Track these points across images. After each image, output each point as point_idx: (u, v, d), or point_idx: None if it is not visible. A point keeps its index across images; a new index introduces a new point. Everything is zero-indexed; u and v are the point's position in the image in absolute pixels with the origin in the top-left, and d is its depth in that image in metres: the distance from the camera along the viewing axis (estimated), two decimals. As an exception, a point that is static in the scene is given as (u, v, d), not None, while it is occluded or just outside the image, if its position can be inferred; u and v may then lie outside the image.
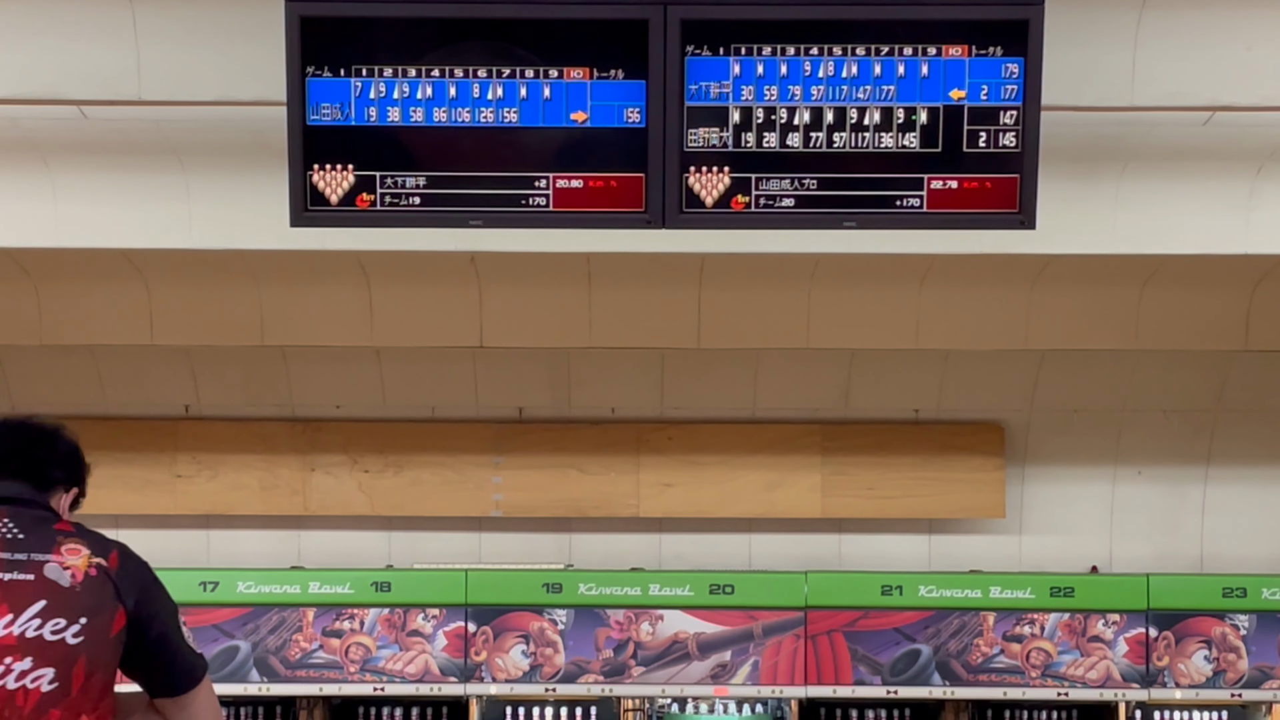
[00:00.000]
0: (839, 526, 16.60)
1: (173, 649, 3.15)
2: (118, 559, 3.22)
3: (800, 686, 15.77)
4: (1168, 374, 16.14)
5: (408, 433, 16.29)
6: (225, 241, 12.67)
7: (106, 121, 11.30)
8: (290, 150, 8.72)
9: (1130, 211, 12.49)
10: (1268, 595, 15.84)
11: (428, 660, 15.75)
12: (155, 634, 3.15)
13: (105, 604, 3.08)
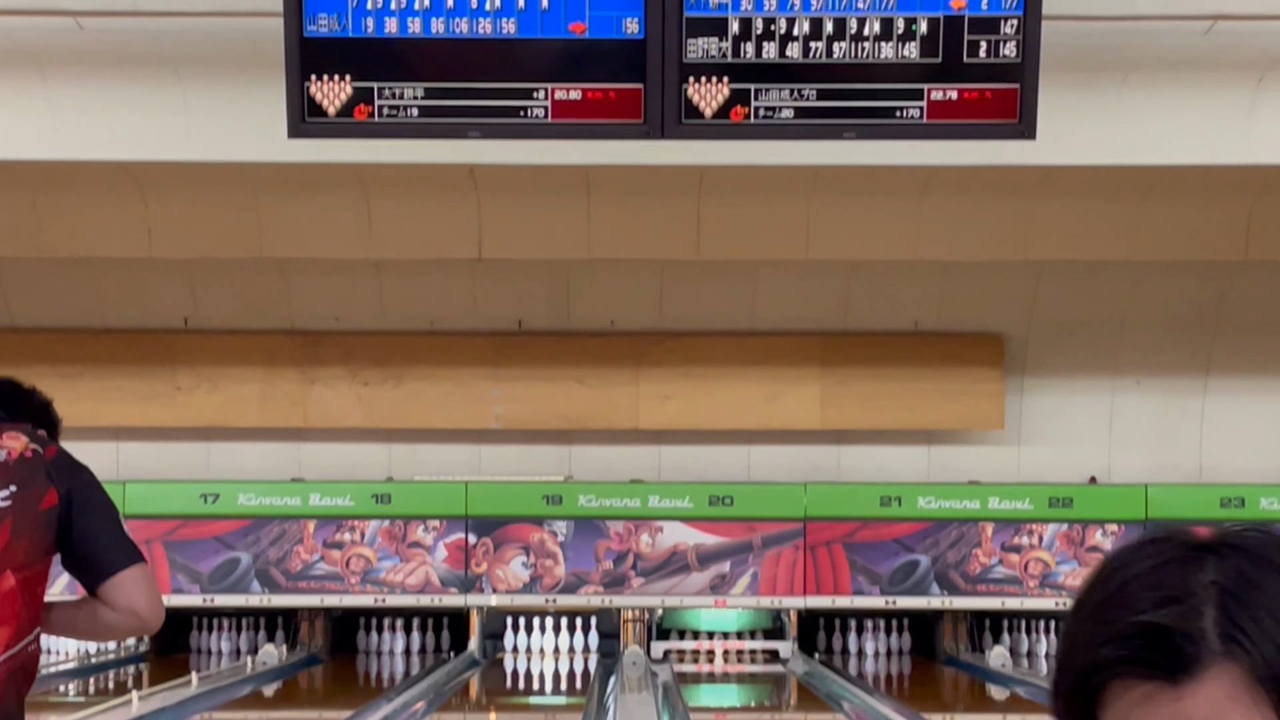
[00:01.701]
0: (838, 438, 16.65)
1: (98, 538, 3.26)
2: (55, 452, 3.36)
3: (799, 597, 15.85)
4: (1167, 285, 16.13)
5: (407, 345, 16.30)
6: (223, 154, 12.64)
7: (103, 33, 11.26)
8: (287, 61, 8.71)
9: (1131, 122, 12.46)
10: (1266, 505, 15.89)
11: (428, 572, 15.82)
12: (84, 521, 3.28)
13: (36, 481, 3.24)
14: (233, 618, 16.67)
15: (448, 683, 14.20)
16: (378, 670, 15.75)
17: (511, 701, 14.24)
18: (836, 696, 13.13)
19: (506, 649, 16.46)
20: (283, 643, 16.23)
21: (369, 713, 11.35)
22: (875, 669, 15.87)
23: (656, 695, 12.28)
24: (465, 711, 13.50)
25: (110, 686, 14.12)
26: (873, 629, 16.71)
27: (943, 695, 14.57)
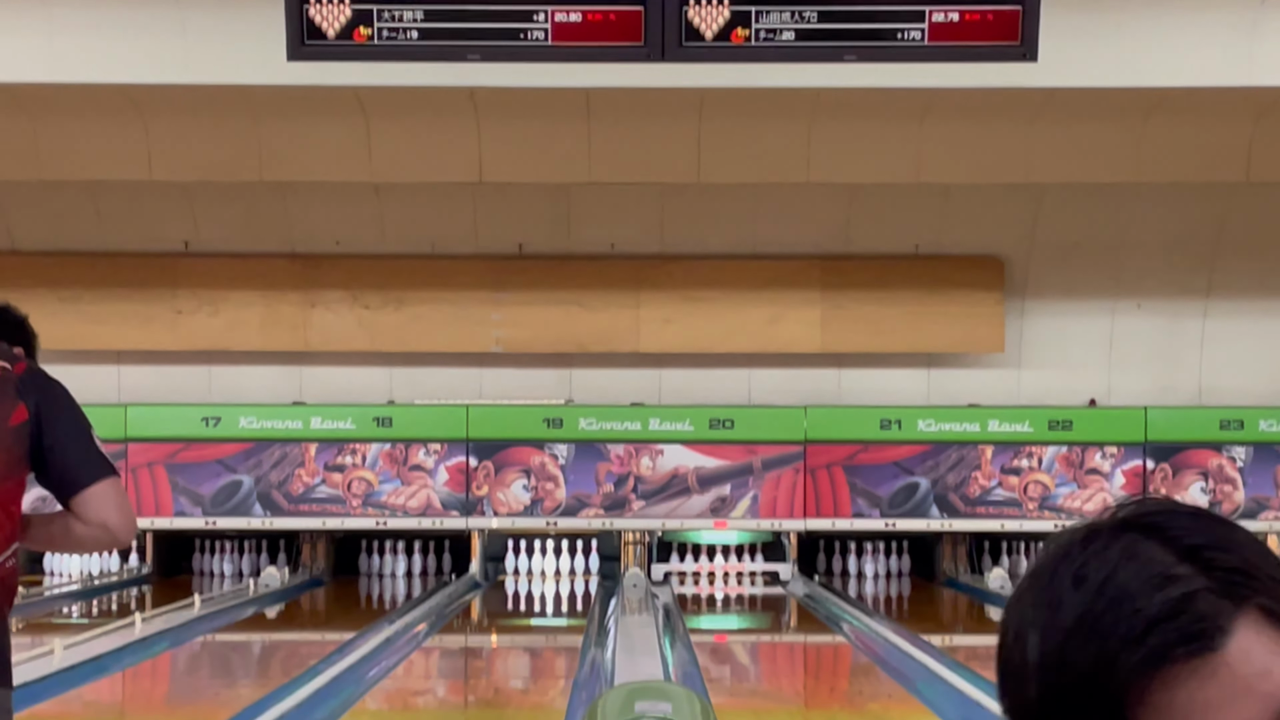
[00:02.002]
0: (838, 361, 16.66)
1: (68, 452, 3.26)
2: (24, 368, 3.33)
3: (799, 519, 15.91)
4: (1168, 207, 16.11)
5: (408, 269, 16.30)
6: (222, 77, 12.62)
7: (100, -45, 11.20)
8: (286, -17, 8.65)
9: (1132, 43, 12.42)
10: (1265, 427, 15.93)
11: (429, 495, 15.88)
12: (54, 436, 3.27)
13: (5, 398, 3.23)
14: (235, 540, 16.74)
15: (449, 605, 14.28)
16: (379, 592, 15.83)
17: (513, 623, 14.32)
18: (836, 618, 13.21)
19: (508, 571, 16.54)
20: (285, 565, 16.30)
21: (371, 634, 11.42)
22: (875, 591, 15.95)
23: (657, 617, 12.35)
24: (467, 633, 13.58)
25: (113, 608, 14.20)
26: (872, 551, 16.78)
27: (942, 617, 14.64)
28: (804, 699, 10.12)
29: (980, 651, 12.12)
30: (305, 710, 8.32)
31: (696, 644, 11.46)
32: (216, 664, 11.42)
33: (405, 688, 10.17)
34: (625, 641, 10.40)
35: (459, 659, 12.02)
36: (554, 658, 11.85)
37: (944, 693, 9.08)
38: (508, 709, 9.38)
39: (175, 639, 11.64)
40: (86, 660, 9.76)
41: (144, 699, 10.02)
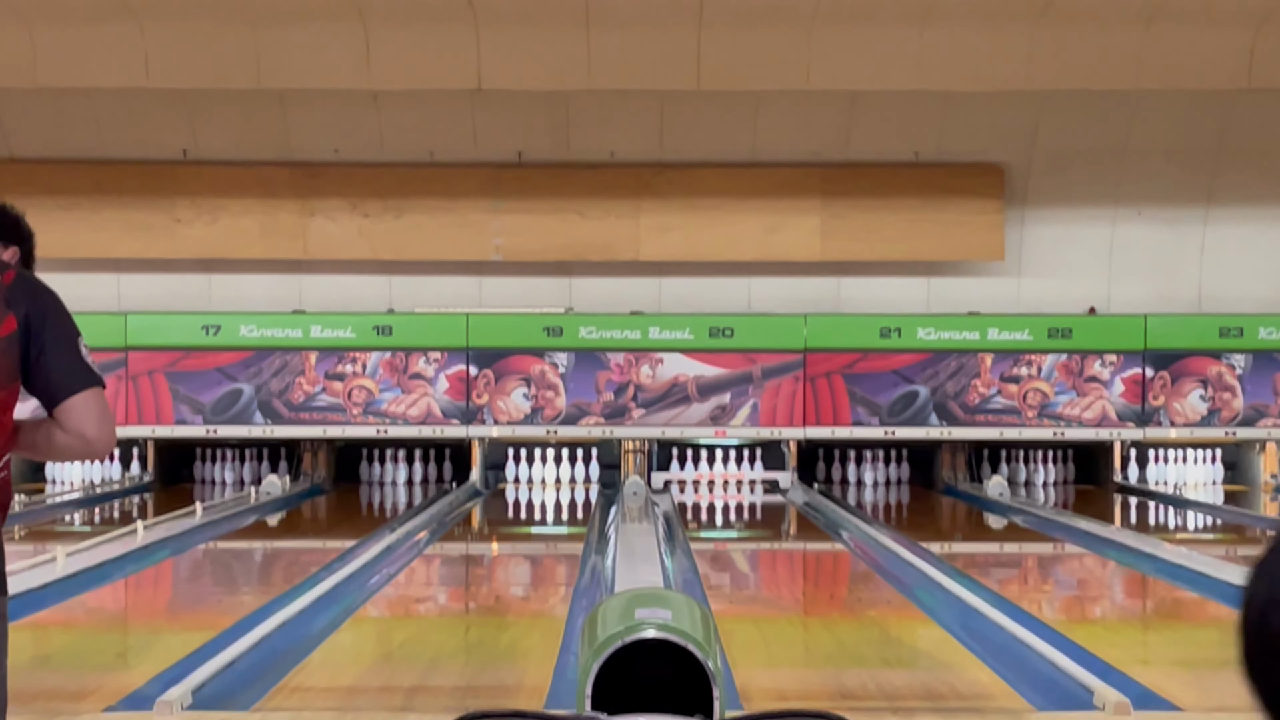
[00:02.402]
0: (838, 269, 16.65)
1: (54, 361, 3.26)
2: (12, 277, 3.32)
3: (799, 428, 15.95)
4: (1169, 114, 16.05)
5: (407, 177, 16.26)
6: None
7: None
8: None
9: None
10: (1264, 335, 15.94)
11: (430, 403, 15.91)
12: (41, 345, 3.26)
13: None
14: (236, 449, 16.79)
15: (450, 513, 14.33)
16: (380, 500, 15.89)
17: (513, 531, 14.38)
18: (835, 526, 13.26)
19: (508, 480, 16.59)
20: (286, 473, 16.36)
21: (372, 542, 11.47)
22: (874, 499, 16.00)
23: (657, 525, 12.39)
24: (468, 541, 13.63)
25: (115, 516, 14.25)
26: (871, 459, 16.83)
27: (941, 524, 14.70)
28: (803, 606, 10.17)
29: (979, 559, 12.18)
30: (307, 617, 8.36)
31: (696, 552, 11.51)
32: (218, 571, 11.47)
33: (407, 595, 10.22)
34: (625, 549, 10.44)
35: (460, 566, 12.08)
36: (554, 565, 11.91)
37: (942, 600, 9.13)
38: (508, 616, 9.44)
39: (177, 546, 11.69)
40: (89, 567, 9.81)
41: (146, 606, 10.07)
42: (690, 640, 3.68)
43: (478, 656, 8.08)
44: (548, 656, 7.48)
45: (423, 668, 7.65)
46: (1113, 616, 9.69)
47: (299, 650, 7.63)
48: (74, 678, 6.69)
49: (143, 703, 6.23)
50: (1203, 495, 15.97)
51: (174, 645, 7.74)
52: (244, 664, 7.08)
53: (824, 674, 7.61)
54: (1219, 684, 7.20)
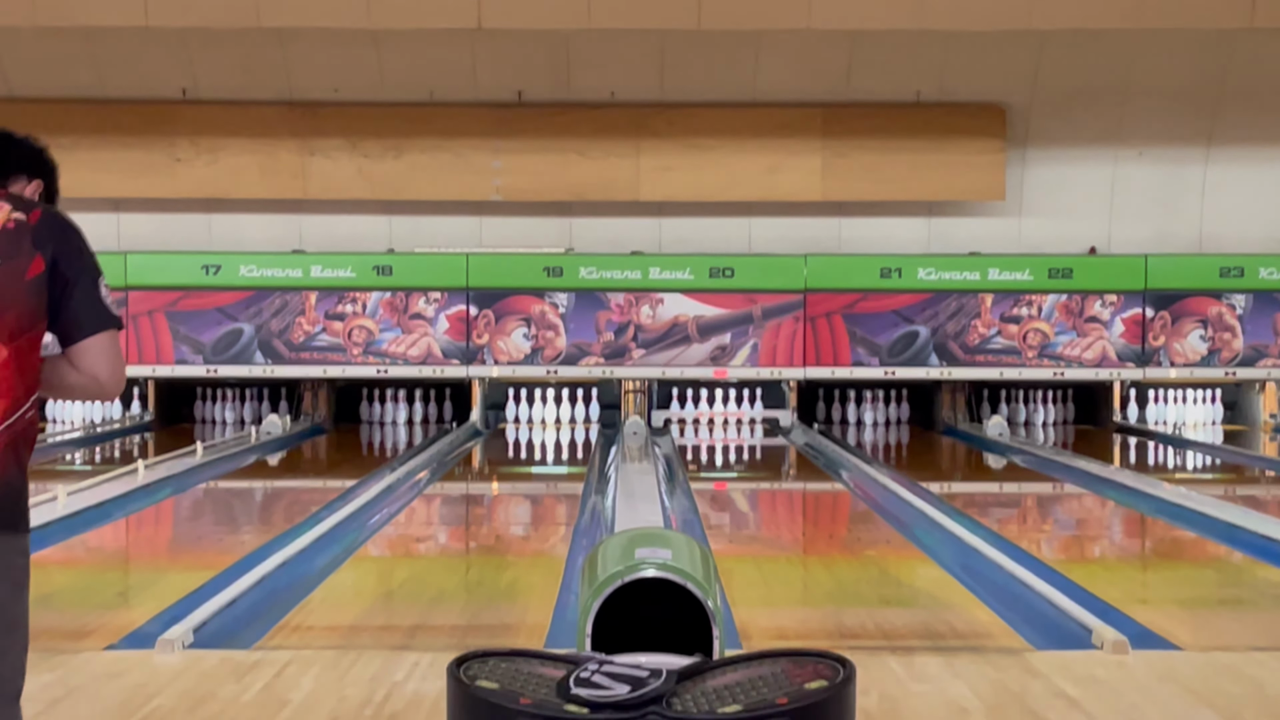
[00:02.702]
0: (839, 210, 16.62)
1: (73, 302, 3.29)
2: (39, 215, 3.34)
3: (799, 368, 15.96)
4: (1172, 53, 15.98)
5: (407, 116, 16.22)
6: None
7: None
8: None
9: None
10: (1265, 275, 15.93)
11: (430, 343, 15.91)
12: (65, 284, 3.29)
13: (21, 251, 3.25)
14: (236, 388, 16.81)
15: (450, 452, 14.35)
16: (380, 440, 15.91)
17: (514, 471, 14.39)
18: (835, 465, 13.28)
19: (508, 419, 16.62)
20: (286, 413, 16.38)
21: (373, 481, 11.49)
22: (874, 439, 16.02)
23: (657, 465, 12.40)
24: (468, 481, 13.65)
25: (116, 455, 14.27)
26: (871, 399, 16.86)
27: (940, 464, 14.72)
28: (803, 545, 10.20)
29: (978, 499, 12.20)
30: (308, 556, 8.39)
31: (696, 491, 11.53)
32: (219, 510, 11.50)
33: (407, 534, 10.25)
34: (625, 489, 10.46)
35: (460, 506, 12.10)
36: (555, 505, 11.93)
37: (942, 539, 9.16)
38: (509, 555, 9.46)
39: (178, 485, 11.71)
40: (90, 506, 9.83)
41: (147, 545, 10.10)
42: (690, 579, 3.69)
43: (478, 595, 8.10)
44: (548, 595, 7.50)
45: (423, 606, 7.68)
46: (1111, 556, 9.71)
47: (300, 589, 7.65)
48: (75, 616, 6.71)
49: (144, 641, 6.26)
50: (1202, 435, 15.99)
51: (175, 584, 7.77)
52: (245, 603, 7.10)
53: (823, 613, 7.64)
54: (1217, 623, 7.23)
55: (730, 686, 2.90)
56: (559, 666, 3.02)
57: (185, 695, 5.42)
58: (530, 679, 2.95)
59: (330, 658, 5.96)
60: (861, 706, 3.67)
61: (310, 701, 5.34)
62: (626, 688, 2.82)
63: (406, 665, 5.83)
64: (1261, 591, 8.09)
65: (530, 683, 2.92)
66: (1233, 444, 15.31)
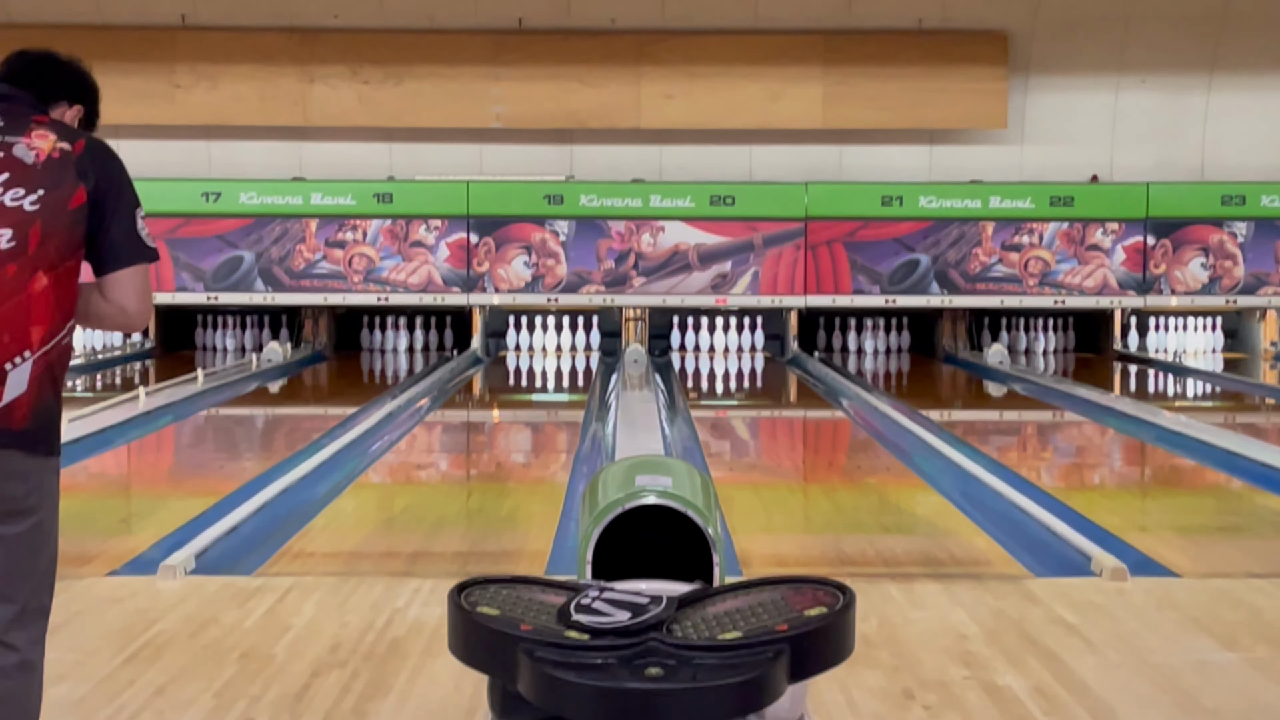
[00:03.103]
0: (840, 138, 16.57)
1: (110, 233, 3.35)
2: (84, 145, 3.38)
3: (799, 296, 15.95)
4: (1176, -19, 15.93)
5: (407, 43, 16.14)
6: None
7: None
8: None
9: None
10: (1266, 203, 15.90)
11: (430, 271, 15.90)
12: (105, 214, 3.35)
13: (65, 181, 3.31)
14: (236, 315, 16.81)
15: (451, 380, 14.37)
16: (381, 368, 15.92)
17: (514, 398, 14.42)
18: (836, 393, 13.29)
19: (509, 347, 16.62)
20: (287, 340, 16.38)
21: (374, 409, 11.51)
22: (874, 367, 16.03)
23: (657, 393, 12.42)
24: (469, 408, 13.67)
25: (117, 382, 14.29)
26: (872, 328, 16.86)
27: (941, 392, 14.73)
28: (803, 473, 10.22)
29: (978, 426, 12.23)
30: (309, 483, 8.41)
31: (697, 419, 11.55)
32: (220, 437, 11.53)
33: (408, 461, 10.27)
34: (626, 417, 10.48)
35: (461, 433, 12.12)
36: (555, 432, 11.95)
37: (941, 466, 9.18)
38: (509, 482, 9.48)
39: (179, 413, 11.73)
40: (92, 433, 9.85)
41: (149, 471, 10.12)
42: (690, 507, 3.70)
43: (479, 522, 8.13)
44: (548, 523, 7.53)
45: (424, 533, 7.70)
46: (1111, 483, 9.74)
47: (301, 516, 7.68)
48: (77, 542, 6.74)
49: (146, 567, 6.28)
50: (1202, 363, 16.00)
51: (177, 510, 7.80)
52: (246, 529, 7.13)
53: (823, 540, 7.66)
54: (1216, 550, 7.25)
55: (730, 613, 2.91)
56: (559, 593, 3.03)
57: (187, 621, 5.45)
58: (531, 605, 2.96)
59: (332, 584, 5.99)
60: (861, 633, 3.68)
61: (312, 627, 5.37)
62: (627, 614, 2.84)
63: (408, 591, 5.86)
64: (1260, 518, 8.11)
65: (531, 609, 2.93)
66: (1233, 372, 15.33)
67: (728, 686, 2.70)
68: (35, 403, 3.33)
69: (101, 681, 4.72)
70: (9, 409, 3.28)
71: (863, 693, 4.60)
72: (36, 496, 3.33)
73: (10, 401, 3.28)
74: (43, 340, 3.34)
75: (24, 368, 3.31)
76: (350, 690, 4.64)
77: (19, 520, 3.30)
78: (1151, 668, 4.89)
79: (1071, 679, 4.76)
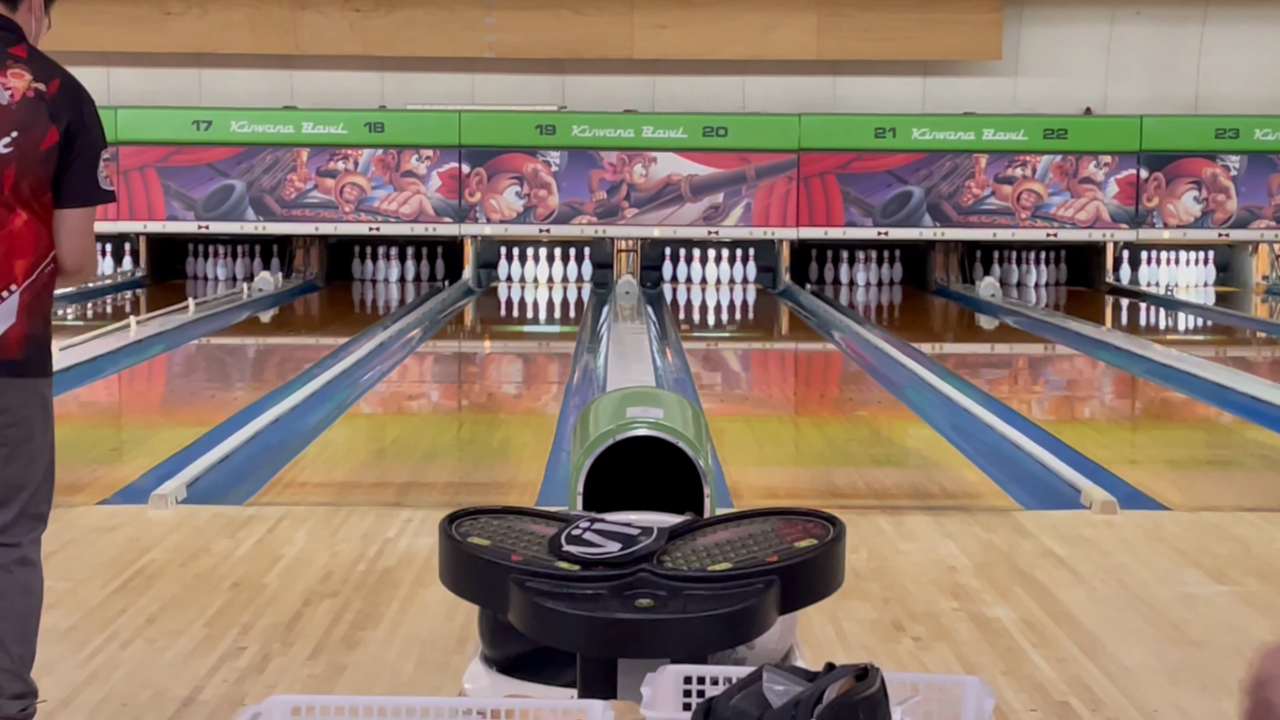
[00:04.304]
0: (834, 69, 16.50)
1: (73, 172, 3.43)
2: (58, 86, 3.45)
3: (792, 228, 15.92)
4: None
5: (398, -29, 16.05)
6: None
7: None
8: None
9: None
10: (1260, 136, 15.86)
11: (422, 201, 15.85)
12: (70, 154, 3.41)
13: (38, 122, 3.39)
14: (227, 245, 16.76)
15: (442, 311, 14.36)
16: (373, 298, 15.91)
17: (506, 330, 14.41)
18: (827, 326, 13.29)
19: (500, 278, 16.59)
20: (278, 270, 16.35)
21: (365, 339, 11.50)
22: (866, 299, 16.03)
23: (649, 324, 12.42)
24: (460, 339, 13.67)
25: (108, 311, 14.27)
26: (864, 260, 16.83)
27: (932, 325, 14.74)
28: (794, 406, 10.24)
29: (969, 359, 12.24)
30: (301, 413, 8.42)
31: (688, 351, 11.55)
32: (212, 367, 11.52)
33: (399, 392, 10.28)
34: (617, 348, 10.48)
35: (452, 364, 12.13)
36: (547, 364, 11.96)
37: (932, 399, 9.19)
38: (500, 413, 9.49)
39: (170, 342, 11.72)
40: (83, 361, 9.84)
41: (140, 400, 10.13)
42: (681, 438, 3.70)
43: (470, 453, 8.14)
44: (540, 453, 7.54)
45: (415, 464, 7.72)
46: (1102, 417, 9.76)
47: (292, 446, 7.69)
48: (68, 471, 6.74)
49: (137, 496, 6.29)
50: (1194, 297, 16.01)
51: (168, 440, 7.80)
52: (238, 459, 7.14)
53: (814, 472, 7.68)
54: (1205, 483, 7.28)
55: (721, 544, 2.92)
56: (550, 524, 3.04)
57: (178, 550, 5.46)
58: (522, 536, 2.96)
59: (323, 514, 6.00)
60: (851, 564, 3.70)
61: (303, 556, 5.38)
62: (617, 545, 2.84)
63: (398, 522, 5.87)
64: (1249, 452, 8.13)
65: (522, 540, 2.94)
66: (1224, 306, 15.34)
67: (718, 617, 2.71)
68: (26, 332, 3.49)
69: (92, 610, 4.73)
70: (2, 340, 3.45)
71: (852, 624, 4.62)
72: (30, 410, 3.53)
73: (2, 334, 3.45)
74: (26, 272, 3.50)
75: (11, 300, 3.48)
76: (341, 619, 4.66)
77: (14, 433, 3.49)
78: (1140, 600, 4.91)
79: (1060, 611, 4.78)
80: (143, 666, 4.23)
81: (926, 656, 4.37)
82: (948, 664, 4.29)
